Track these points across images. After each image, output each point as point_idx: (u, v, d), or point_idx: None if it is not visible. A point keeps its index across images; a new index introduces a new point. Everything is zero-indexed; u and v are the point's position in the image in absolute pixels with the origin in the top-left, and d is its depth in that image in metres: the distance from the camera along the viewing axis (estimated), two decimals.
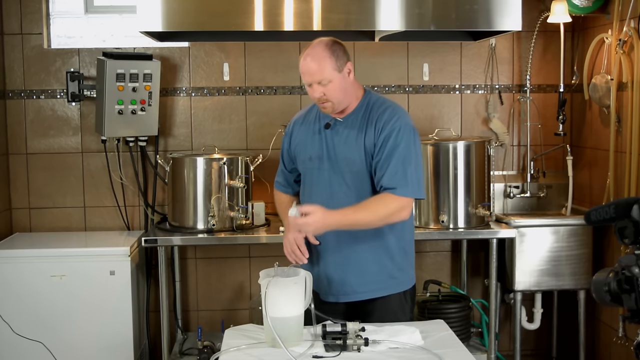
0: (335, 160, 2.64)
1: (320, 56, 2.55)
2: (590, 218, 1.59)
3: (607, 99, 3.78)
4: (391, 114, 2.61)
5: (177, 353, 3.91)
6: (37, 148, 4.11)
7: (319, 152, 2.68)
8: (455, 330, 2.70)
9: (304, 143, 2.74)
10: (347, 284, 2.68)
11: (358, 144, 2.61)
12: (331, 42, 2.60)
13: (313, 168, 2.70)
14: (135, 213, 4.19)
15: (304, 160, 2.74)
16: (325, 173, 2.66)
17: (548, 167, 4.31)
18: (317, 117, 2.74)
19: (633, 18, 3.56)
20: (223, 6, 3.31)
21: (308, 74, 2.57)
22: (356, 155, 2.61)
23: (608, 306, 1.97)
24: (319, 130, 2.70)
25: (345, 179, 2.64)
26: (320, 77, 2.54)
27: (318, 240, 2.60)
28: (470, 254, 4.28)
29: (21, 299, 3.63)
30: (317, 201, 2.61)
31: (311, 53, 2.56)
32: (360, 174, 2.62)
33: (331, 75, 2.55)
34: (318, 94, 2.57)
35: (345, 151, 2.63)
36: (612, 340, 3.82)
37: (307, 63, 2.56)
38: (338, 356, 2.25)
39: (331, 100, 2.59)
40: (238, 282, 4.28)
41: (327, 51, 2.55)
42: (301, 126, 2.78)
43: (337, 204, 2.59)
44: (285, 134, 2.86)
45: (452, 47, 4.25)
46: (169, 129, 4.18)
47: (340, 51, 2.59)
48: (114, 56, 3.82)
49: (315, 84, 2.56)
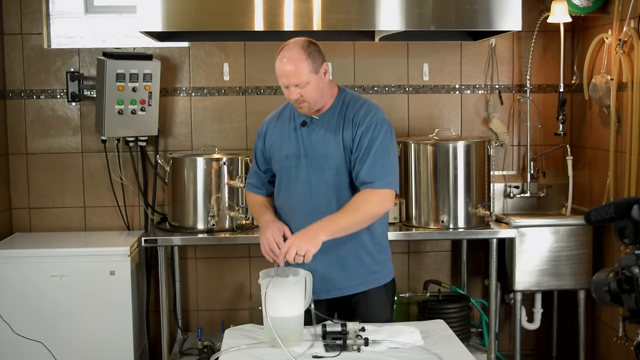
0: (314, 157, 2.65)
1: (296, 58, 2.54)
2: (590, 218, 1.59)
3: (607, 99, 3.78)
4: (367, 110, 2.64)
5: (177, 353, 3.91)
6: (37, 148, 4.11)
7: (296, 150, 2.68)
8: (455, 330, 2.70)
9: (279, 142, 2.73)
10: (330, 280, 2.67)
11: (337, 141, 2.62)
12: (307, 43, 2.59)
13: (290, 166, 2.69)
14: (135, 213, 4.19)
15: (280, 159, 2.73)
16: (303, 170, 2.66)
17: (548, 167, 4.31)
18: (291, 115, 2.74)
19: (633, 18, 3.56)
20: (223, 6, 3.31)
21: (284, 77, 2.55)
22: (335, 152, 2.62)
23: (608, 306, 1.97)
24: (294, 129, 2.70)
25: (324, 176, 2.64)
26: (298, 80, 2.54)
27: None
28: (470, 254, 4.28)
29: (21, 299, 3.63)
30: (295, 199, 2.66)
31: (287, 55, 2.55)
32: (338, 169, 2.63)
33: (308, 78, 2.55)
34: (295, 95, 2.57)
35: (323, 148, 2.64)
36: (612, 340, 3.82)
37: (283, 65, 2.54)
38: (338, 356, 2.26)
39: (308, 101, 2.59)
40: (238, 282, 4.28)
41: (303, 53, 2.55)
42: (275, 125, 2.78)
43: (317, 200, 2.62)
44: (259, 135, 2.85)
45: (452, 47, 4.25)
46: (169, 129, 4.18)
47: (316, 52, 2.59)
48: (114, 56, 3.82)
49: (292, 86, 2.56)
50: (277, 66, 2.57)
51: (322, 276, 2.64)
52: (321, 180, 2.64)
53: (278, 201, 2.78)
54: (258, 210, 2.81)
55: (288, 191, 2.72)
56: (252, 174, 2.90)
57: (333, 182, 2.64)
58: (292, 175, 2.69)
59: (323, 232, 2.47)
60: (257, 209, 2.83)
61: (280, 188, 2.76)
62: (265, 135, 2.81)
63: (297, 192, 2.68)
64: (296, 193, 2.68)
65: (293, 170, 2.69)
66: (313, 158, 2.65)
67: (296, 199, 2.67)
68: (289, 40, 2.62)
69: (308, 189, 2.66)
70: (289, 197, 2.71)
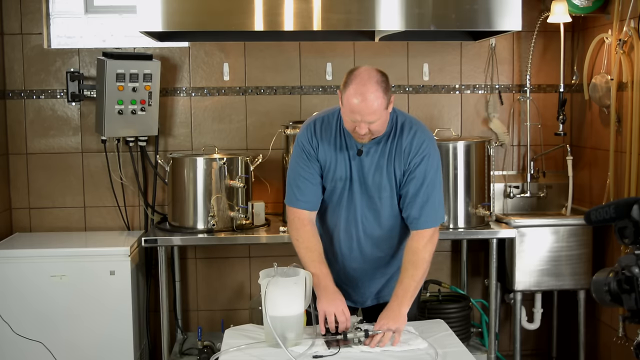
0: (365, 184, 2.61)
1: (374, 97, 2.39)
2: (590, 218, 1.59)
3: (607, 99, 3.78)
4: (420, 138, 2.58)
5: (177, 353, 3.91)
6: (37, 148, 4.11)
7: (348, 174, 2.61)
8: (455, 330, 2.71)
9: (333, 162, 2.62)
10: (369, 292, 2.75)
11: (388, 170, 2.59)
12: (381, 77, 2.44)
13: (344, 188, 2.62)
14: (135, 213, 4.19)
15: (334, 179, 2.63)
16: (355, 195, 2.62)
17: (548, 167, 4.31)
18: (341, 135, 2.61)
19: (633, 18, 3.56)
20: (223, 6, 3.31)
21: (359, 114, 2.41)
22: (386, 181, 2.60)
23: (608, 306, 1.97)
24: (347, 152, 2.60)
25: (374, 203, 2.62)
26: (373, 118, 2.43)
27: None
28: (470, 254, 4.28)
29: (21, 299, 3.63)
30: (344, 221, 2.65)
31: (364, 92, 2.39)
32: (390, 199, 2.62)
33: (381, 114, 2.45)
34: (364, 131, 2.45)
35: (376, 176, 2.60)
36: (612, 340, 3.82)
37: (360, 103, 2.39)
38: (338, 354, 2.26)
39: (374, 134, 2.51)
40: (238, 282, 4.28)
41: (380, 91, 2.40)
42: (326, 138, 2.63)
43: (365, 225, 2.64)
44: (310, 140, 2.63)
45: (452, 47, 4.25)
46: (169, 129, 4.18)
47: (388, 86, 2.46)
48: (114, 56, 3.82)
49: (364, 122, 2.44)
50: (351, 101, 2.41)
51: (362, 287, 2.72)
52: (372, 208, 2.63)
53: (324, 218, 2.72)
54: (314, 261, 2.58)
55: (337, 213, 2.67)
56: (299, 186, 2.64)
57: (382, 210, 2.63)
58: (343, 198, 2.64)
59: (402, 306, 2.47)
60: (313, 258, 2.59)
61: (328, 207, 2.69)
62: (318, 146, 2.62)
63: (346, 216, 2.65)
64: (346, 217, 2.65)
65: (346, 193, 2.63)
66: (364, 185, 2.61)
67: (345, 222, 2.65)
68: (358, 68, 2.46)
69: (359, 215, 2.63)
70: (337, 219, 2.67)
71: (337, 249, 2.69)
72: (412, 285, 2.53)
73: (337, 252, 2.70)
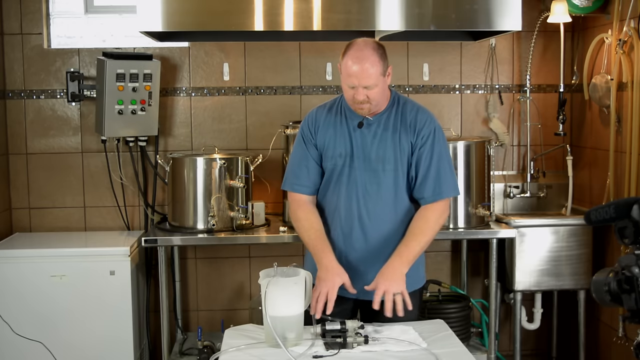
0: (368, 158, 2.62)
1: (370, 60, 2.49)
2: (590, 218, 1.59)
3: (607, 99, 3.78)
4: (423, 115, 2.65)
5: (177, 353, 3.91)
6: (37, 148, 4.11)
7: (349, 150, 2.63)
8: (455, 330, 2.70)
9: (333, 139, 2.66)
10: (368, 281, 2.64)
11: (394, 142, 2.61)
12: (377, 45, 2.55)
13: (344, 165, 2.64)
14: (135, 213, 4.19)
15: (333, 157, 2.66)
16: (357, 171, 2.63)
17: (548, 167, 4.31)
18: (342, 113, 2.67)
19: (633, 18, 3.56)
20: (223, 6, 3.31)
21: (355, 77, 2.49)
22: (391, 154, 2.61)
23: (608, 306, 1.97)
24: (347, 128, 2.65)
25: (378, 177, 2.62)
26: (369, 82, 2.49)
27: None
28: (470, 254, 4.28)
29: (21, 299, 3.63)
30: (345, 200, 2.63)
31: (360, 56, 2.49)
32: (395, 171, 2.62)
33: (378, 80, 2.51)
34: (362, 97, 2.51)
35: (379, 149, 2.61)
36: (612, 340, 3.82)
37: (355, 66, 2.48)
38: (338, 354, 2.26)
39: (372, 102, 2.55)
40: (238, 282, 4.28)
41: (376, 55, 2.51)
42: (326, 119, 2.69)
43: (366, 202, 2.62)
44: (309, 127, 2.70)
45: (452, 47, 4.25)
46: (169, 129, 4.18)
47: (384, 54, 2.56)
48: (114, 56, 3.83)
49: (360, 87, 2.50)
50: (348, 66, 2.50)
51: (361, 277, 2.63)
52: (373, 182, 2.62)
53: (324, 200, 2.72)
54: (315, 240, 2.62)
55: (337, 191, 2.67)
56: (295, 171, 2.71)
57: (387, 184, 2.63)
58: (343, 175, 2.65)
59: (403, 266, 2.48)
60: (313, 237, 2.62)
61: (328, 187, 2.70)
62: (317, 129, 2.69)
63: (347, 193, 2.65)
64: (347, 194, 2.65)
65: (346, 169, 2.64)
66: (367, 159, 2.62)
67: (346, 200, 2.64)
68: (355, 39, 2.56)
69: (360, 190, 2.63)
70: (338, 198, 2.66)
71: (338, 231, 2.67)
72: (417, 250, 2.53)
73: (339, 234, 2.67)
